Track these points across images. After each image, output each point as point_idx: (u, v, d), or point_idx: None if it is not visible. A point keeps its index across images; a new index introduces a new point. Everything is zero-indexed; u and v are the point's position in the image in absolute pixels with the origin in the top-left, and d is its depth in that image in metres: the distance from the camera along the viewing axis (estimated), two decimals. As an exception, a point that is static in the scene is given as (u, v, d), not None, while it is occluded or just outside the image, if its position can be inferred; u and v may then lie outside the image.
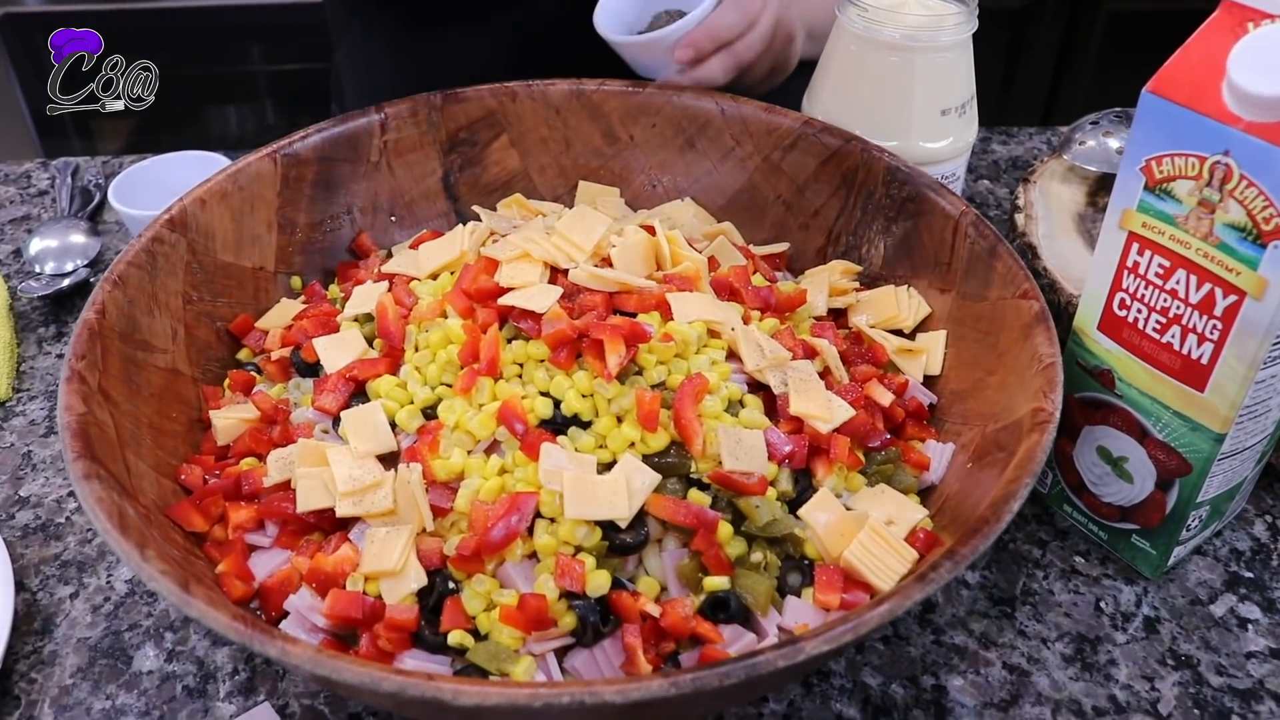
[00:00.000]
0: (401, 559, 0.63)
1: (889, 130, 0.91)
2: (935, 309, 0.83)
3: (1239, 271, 0.62)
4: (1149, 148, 0.64)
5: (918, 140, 0.91)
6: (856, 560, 0.64)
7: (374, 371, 0.72)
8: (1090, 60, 2.68)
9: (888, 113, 0.91)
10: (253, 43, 2.48)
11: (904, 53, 0.89)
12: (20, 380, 0.95)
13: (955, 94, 0.91)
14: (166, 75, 2.53)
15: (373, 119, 0.91)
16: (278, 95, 2.55)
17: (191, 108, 2.54)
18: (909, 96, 0.90)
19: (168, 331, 0.78)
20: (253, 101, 2.58)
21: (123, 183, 1.06)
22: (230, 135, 2.60)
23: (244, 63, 2.52)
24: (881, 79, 0.90)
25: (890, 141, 0.90)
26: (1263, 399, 0.68)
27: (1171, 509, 0.74)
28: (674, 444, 0.67)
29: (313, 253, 0.90)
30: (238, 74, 2.53)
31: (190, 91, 2.51)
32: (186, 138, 2.56)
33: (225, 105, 2.58)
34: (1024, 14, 2.61)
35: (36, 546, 0.80)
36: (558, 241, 0.74)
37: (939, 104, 0.90)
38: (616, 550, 0.64)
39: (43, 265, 1.04)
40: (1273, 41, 0.60)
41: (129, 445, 0.69)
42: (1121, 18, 2.63)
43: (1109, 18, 2.64)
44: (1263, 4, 0.61)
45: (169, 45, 2.43)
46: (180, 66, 2.47)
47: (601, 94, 0.94)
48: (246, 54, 2.51)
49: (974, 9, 0.90)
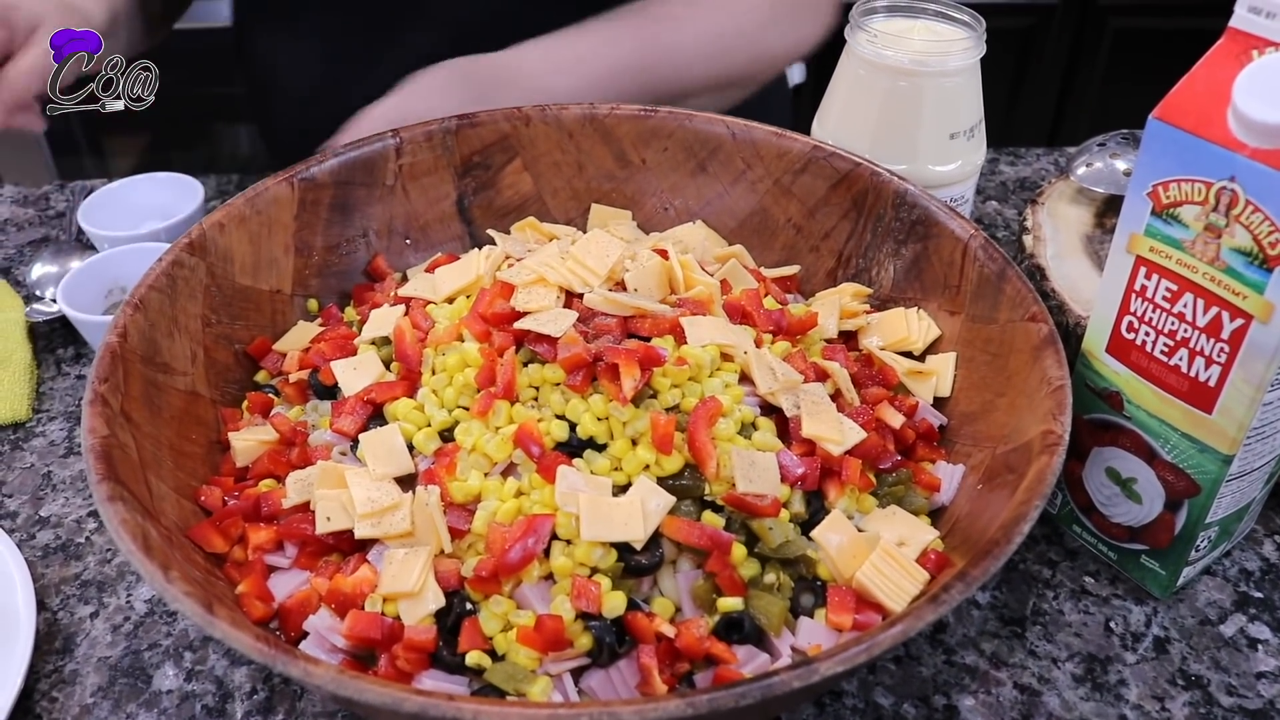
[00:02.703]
0: (420, 580, 0.64)
1: (897, 154, 0.92)
2: (945, 331, 0.83)
3: (1245, 295, 0.63)
4: (1156, 173, 0.65)
5: (925, 164, 0.93)
6: (869, 581, 0.65)
7: (391, 394, 0.73)
8: (1096, 79, 2.70)
9: (895, 136, 0.93)
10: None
11: (911, 78, 0.90)
12: (40, 401, 0.96)
13: (963, 118, 0.93)
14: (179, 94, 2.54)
15: (388, 143, 0.92)
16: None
17: (203, 127, 2.57)
18: (916, 121, 0.91)
19: (187, 354, 0.79)
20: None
21: (93, 204, 1.08)
22: (241, 154, 2.62)
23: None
24: (889, 103, 0.92)
25: (898, 165, 0.91)
26: (1270, 421, 0.69)
27: (1180, 530, 0.74)
28: (688, 466, 0.68)
29: (329, 275, 0.91)
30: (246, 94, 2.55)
31: (202, 111, 2.54)
32: (197, 156, 2.58)
33: (236, 125, 2.61)
34: (1030, 33, 2.63)
35: (57, 566, 0.81)
36: (572, 266, 0.75)
37: (947, 128, 0.92)
38: (632, 572, 0.65)
39: (43, 291, 1.06)
40: (1277, 69, 0.61)
41: (150, 467, 0.70)
42: (1127, 35, 2.65)
43: (1115, 35, 2.66)
44: (1267, 31, 0.62)
45: (182, 65, 2.45)
46: (192, 86, 2.49)
47: (614, 118, 0.95)
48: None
49: (982, 34, 0.91)
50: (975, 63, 0.91)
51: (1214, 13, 2.55)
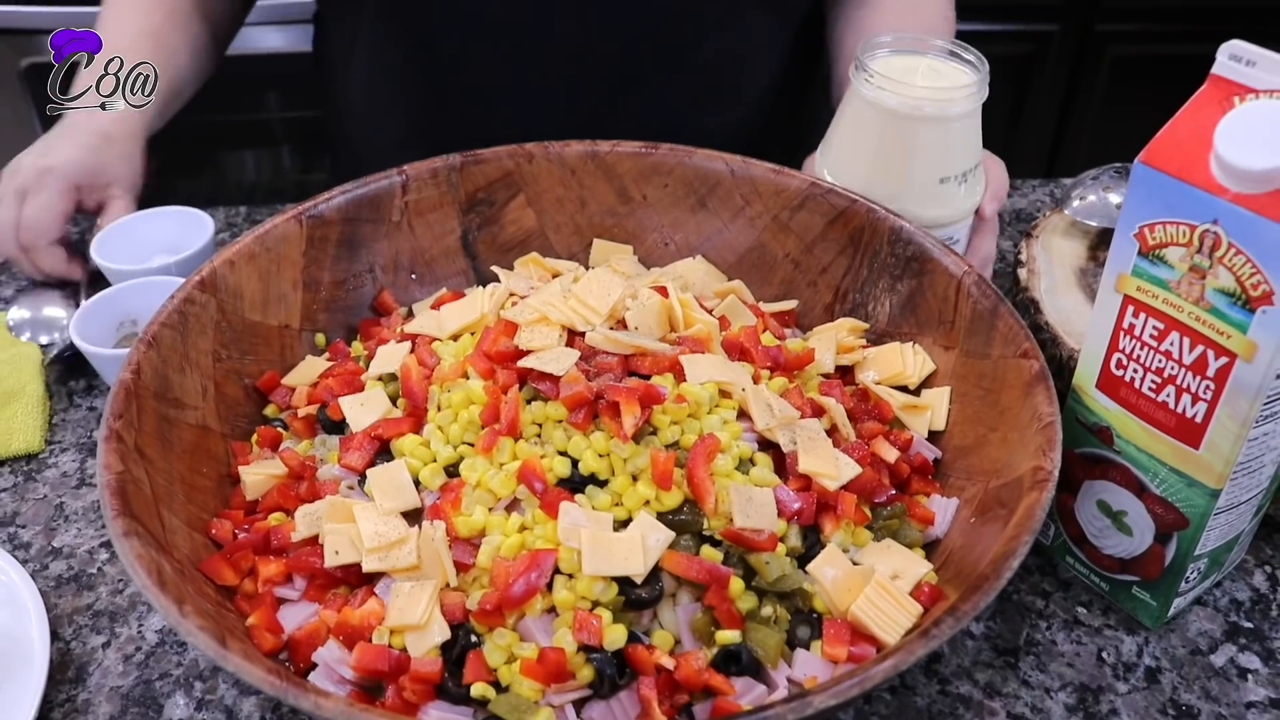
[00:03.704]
0: (426, 613, 0.65)
1: (885, 193, 0.93)
2: (939, 366, 0.85)
3: (1229, 335, 0.65)
4: (1142, 215, 0.67)
5: (913, 206, 0.93)
6: (863, 615, 0.67)
7: (398, 430, 0.75)
8: (1095, 106, 2.71)
9: (885, 176, 0.94)
10: (269, 90, 2.52)
11: (906, 121, 0.90)
12: (52, 432, 0.98)
13: (955, 163, 0.93)
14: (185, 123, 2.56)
15: (394, 180, 0.94)
16: (294, 141, 2.59)
17: (209, 154, 2.59)
18: (908, 163, 0.92)
19: (198, 389, 0.81)
20: (269, 147, 2.62)
21: (105, 238, 1.09)
22: (246, 181, 2.64)
23: (260, 110, 2.56)
24: (882, 144, 0.93)
25: (888, 205, 0.92)
26: (1256, 455, 0.70)
27: (1170, 561, 0.76)
28: (687, 502, 0.70)
29: (336, 310, 0.93)
30: (254, 121, 2.57)
31: (208, 138, 2.55)
32: (203, 181, 2.60)
33: (242, 151, 2.62)
34: (1028, 60, 2.64)
35: (69, 596, 0.83)
36: (575, 305, 0.77)
37: (938, 172, 0.92)
38: (632, 605, 0.67)
39: (20, 335, 1.08)
40: (1257, 116, 0.63)
41: (163, 501, 0.71)
42: (1126, 62, 2.67)
43: (1113, 62, 2.67)
44: (1247, 79, 0.64)
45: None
46: (198, 114, 2.52)
47: (615, 155, 0.97)
48: (263, 102, 2.55)
49: (984, 78, 0.91)
50: (973, 109, 0.91)
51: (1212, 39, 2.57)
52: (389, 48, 1.20)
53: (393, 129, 1.27)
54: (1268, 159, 0.61)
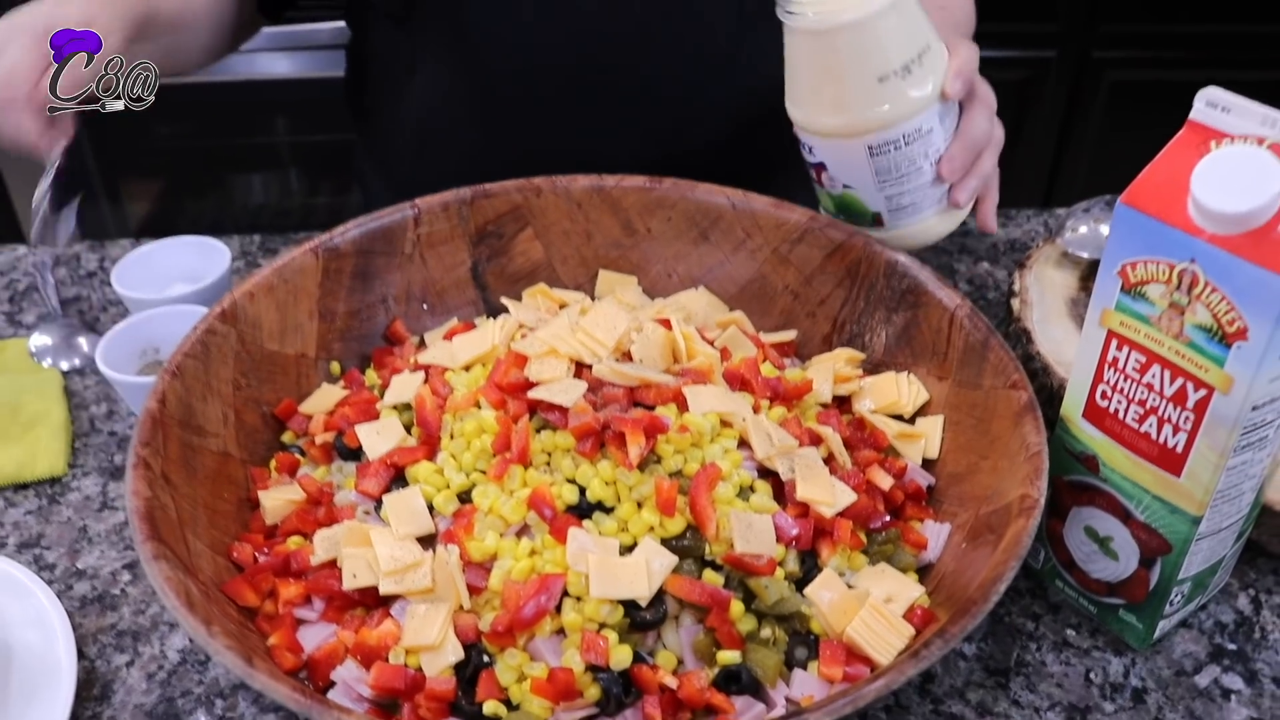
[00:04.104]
0: (440, 634, 0.68)
1: (831, 112, 0.91)
2: (933, 395, 0.88)
3: (1207, 368, 0.68)
4: (1124, 253, 0.70)
5: (859, 114, 0.89)
6: (858, 636, 0.70)
7: (413, 458, 0.78)
8: (1093, 132, 2.74)
9: (827, 95, 0.90)
10: (278, 114, 2.56)
11: (826, 36, 0.87)
12: (75, 456, 1.01)
13: (891, 58, 0.88)
14: (195, 146, 2.58)
15: (407, 214, 0.97)
16: (301, 164, 2.62)
17: (217, 177, 2.62)
18: (843, 73, 0.89)
19: (219, 417, 0.84)
20: (277, 170, 2.65)
21: (125, 267, 1.13)
22: (253, 203, 2.67)
23: (269, 134, 2.60)
24: (814, 66, 0.90)
25: (837, 118, 0.90)
26: (1235, 483, 0.73)
27: (1155, 585, 0.78)
28: (690, 528, 0.73)
29: (350, 339, 0.96)
30: (263, 144, 2.61)
31: (217, 161, 2.59)
32: (210, 203, 2.63)
33: (250, 174, 2.66)
34: (1026, 85, 2.68)
35: (94, 616, 0.86)
36: (582, 338, 0.80)
37: (874, 73, 0.88)
38: (637, 627, 0.70)
39: (42, 360, 1.11)
40: (1232, 161, 0.66)
41: (188, 525, 0.75)
42: (1124, 87, 2.70)
43: (1111, 87, 2.70)
44: (1223, 125, 0.68)
45: (198, 117, 2.51)
46: (208, 137, 2.55)
47: (620, 189, 1.00)
48: (272, 125, 2.58)
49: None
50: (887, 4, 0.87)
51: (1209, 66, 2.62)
52: (448, 88, 1.20)
53: (444, 165, 1.24)
54: (1241, 202, 0.64)
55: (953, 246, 1.27)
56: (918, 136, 0.91)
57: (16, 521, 0.94)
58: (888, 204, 0.94)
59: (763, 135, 1.11)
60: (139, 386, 0.98)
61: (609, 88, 1.14)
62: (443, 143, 1.23)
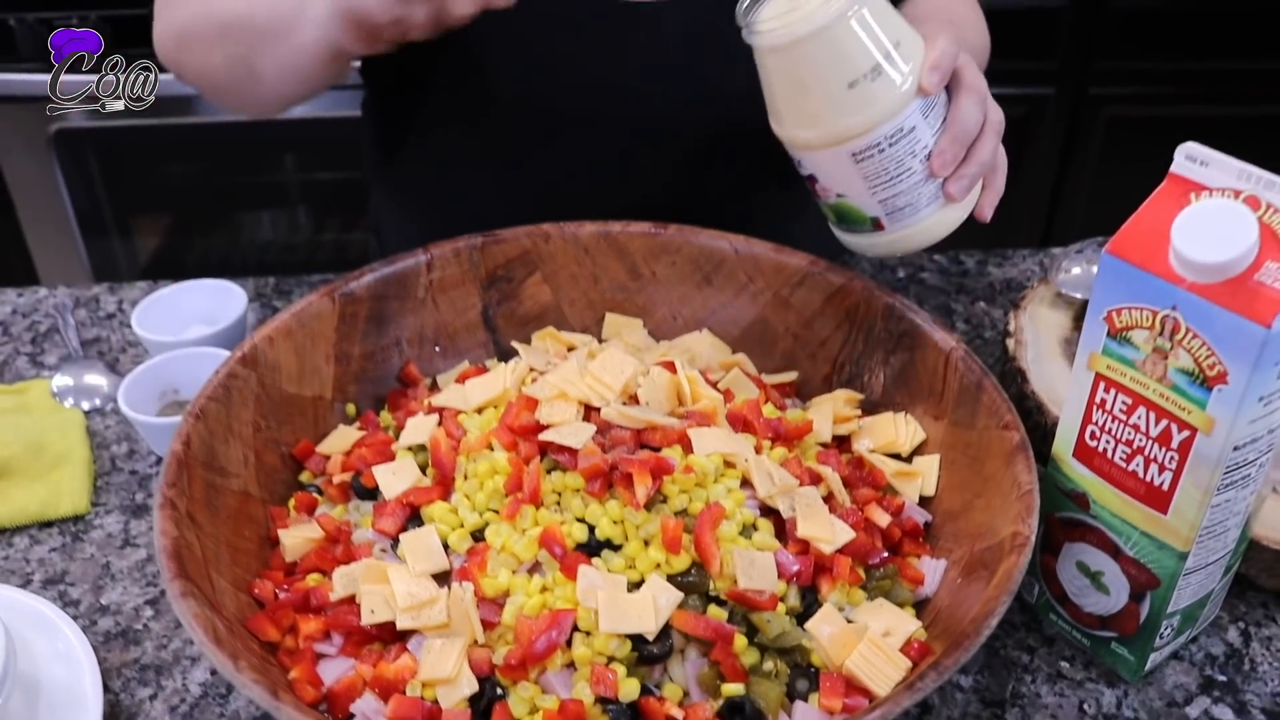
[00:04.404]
0: (456, 668, 0.71)
1: (809, 124, 0.89)
2: (930, 435, 0.91)
3: (1190, 410, 0.71)
4: (1110, 300, 0.73)
5: (832, 123, 0.88)
6: (857, 669, 0.72)
7: (428, 498, 0.81)
8: (1090, 166, 2.77)
9: (800, 108, 0.89)
10: (287, 152, 2.59)
11: (788, 50, 0.86)
12: (97, 495, 1.04)
13: (858, 63, 0.85)
14: (205, 183, 2.60)
15: (419, 259, 1.01)
16: (309, 202, 2.65)
17: (227, 214, 2.66)
18: (812, 86, 0.87)
19: (240, 458, 0.87)
20: (285, 208, 2.68)
21: (144, 309, 1.16)
22: (261, 240, 2.70)
23: (278, 171, 2.63)
24: (785, 81, 0.89)
25: (814, 130, 0.88)
26: (1220, 520, 0.76)
27: (1145, 619, 0.81)
28: (695, 565, 0.75)
29: (365, 381, 0.99)
30: (271, 182, 2.64)
31: (226, 199, 2.63)
32: (218, 238, 2.66)
33: (259, 211, 2.69)
34: (1024, 122, 2.71)
35: (118, 651, 0.89)
36: (591, 382, 0.83)
37: (843, 80, 0.86)
38: (645, 660, 0.72)
39: (64, 401, 1.14)
40: (1209, 213, 0.69)
41: (212, 563, 0.77)
42: (1121, 123, 2.73)
43: (1108, 123, 2.74)
44: (1202, 177, 0.71)
45: (209, 155, 2.55)
46: (218, 175, 2.59)
47: (626, 235, 1.04)
48: (281, 163, 2.62)
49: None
50: (851, 8, 0.84)
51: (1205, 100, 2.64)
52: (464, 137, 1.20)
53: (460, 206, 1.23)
54: (1218, 253, 0.67)
55: (950, 286, 1.31)
56: (901, 136, 0.88)
57: (41, 558, 0.97)
58: (883, 208, 0.91)
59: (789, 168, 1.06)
60: (159, 427, 1.01)
61: (629, 130, 1.14)
62: (458, 185, 1.24)
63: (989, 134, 0.91)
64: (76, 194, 2.50)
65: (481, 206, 1.10)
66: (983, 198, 0.94)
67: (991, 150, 0.91)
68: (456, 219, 1.08)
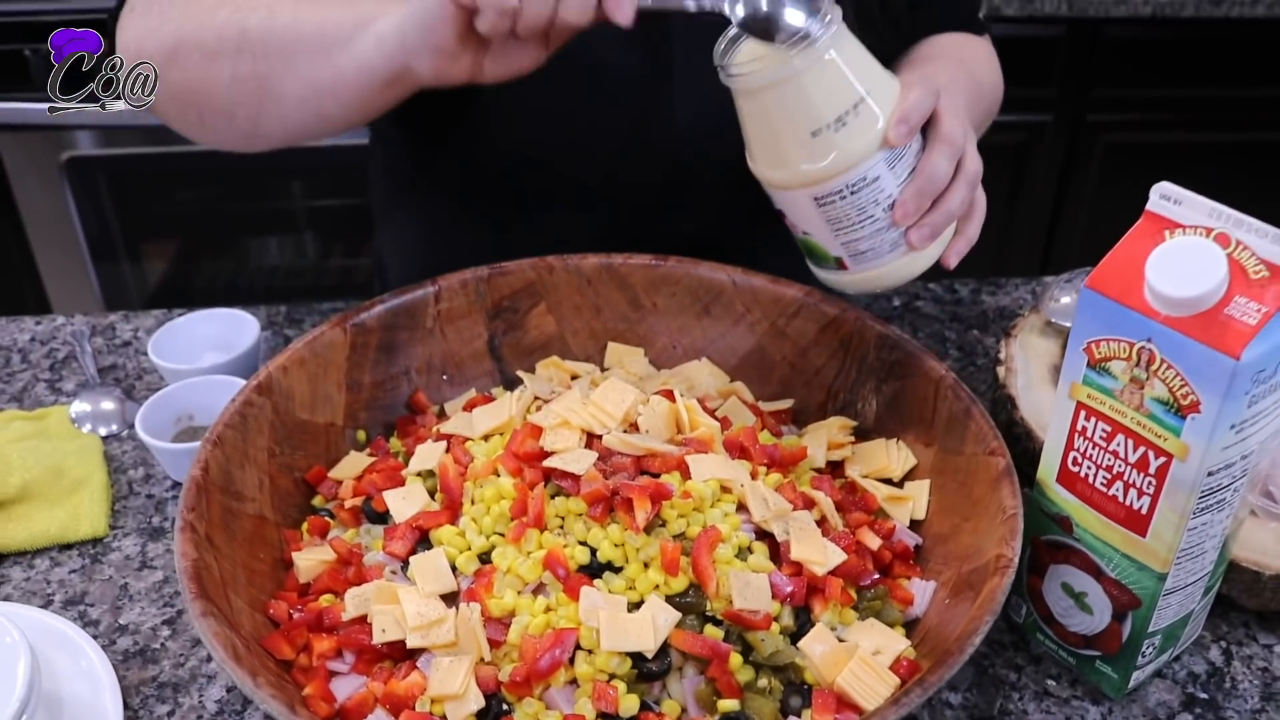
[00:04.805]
0: (463, 684, 0.74)
1: (774, 165, 0.91)
2: (920, 460, 0.94)
3: (1166, 437, 0.74)
4: (1089, 332, 0.77)
5: (796, 169, 0.89)
6: (847, 686, 0.75)
7: (436, 522, 0.84)
8: (1089, 192, 2.80)
9: (769, 151, 0.91)
10: (294, 179, 2.63)
11: (757, 95, 0.88)
12: (115, 518, 1.07)
13: (824, 111, 0.86)
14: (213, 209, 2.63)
15: (428, 291, 1.04)
16: (316, 228, 2.69)
17: (235, 240, 2.69)
18: (779, 130, 0.89)
19: (256, 482, 0.91)
20: (292, 234, 2.72)
21: (160, 338, 1.19)
22: (267, 265, 2.73)
23: (285, 198, 2.67)
24: (756, 124, 0.91)
25: (779, 172, 0.90)
26: (1197, 543, 0.79)
27: (1127, 638, 0.83)
28: (692, 586, 0.78)
29: (375, 409, 1.03)
30: (279, 208, 2.68)
31: (233, 224, 2.66)
32: (226, 262, 2.70)
33: (266, 236, 2.73)
34: (1022, 149, 2.74)
35: (136, 669, 0.92)
36: (593, 411, 0.86)
37: (807, 128, 0.87)
38: (644, 677, 0.76)
39: (82, 426, 1.17)
40: (1182, 250, 0.72)
41: (229, 584, 0.81)
42: (1118, 150, 2.76)
43: (1105, 150, 2.77)
44: (1176, 215, 0.74)
45: (218, 182, 2.59)
46: (227, 201, 2.63)
47: (628, 267, 1.07)
48: (288, 190, 2.66)
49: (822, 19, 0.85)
50: (817, 56, 0.85)
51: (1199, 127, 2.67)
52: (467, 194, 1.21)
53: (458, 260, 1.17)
54: (1190, 288, 0.70)
55: (944, 314, 1.34)
56: (863, 185, 0.88)
57: (62, 580, 1.00)
58: (845, 250, 0.92)
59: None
60: (175, 452, 1.04)
61: (639, 188, 1.15)
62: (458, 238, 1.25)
63: (960, 184, 0.91)
64: (87, 220, 2.54)
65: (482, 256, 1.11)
66: (951, 244, 0.94)
67: (961, 200, 0.91)
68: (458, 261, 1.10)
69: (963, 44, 1.26)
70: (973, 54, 1.25)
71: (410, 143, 1.25)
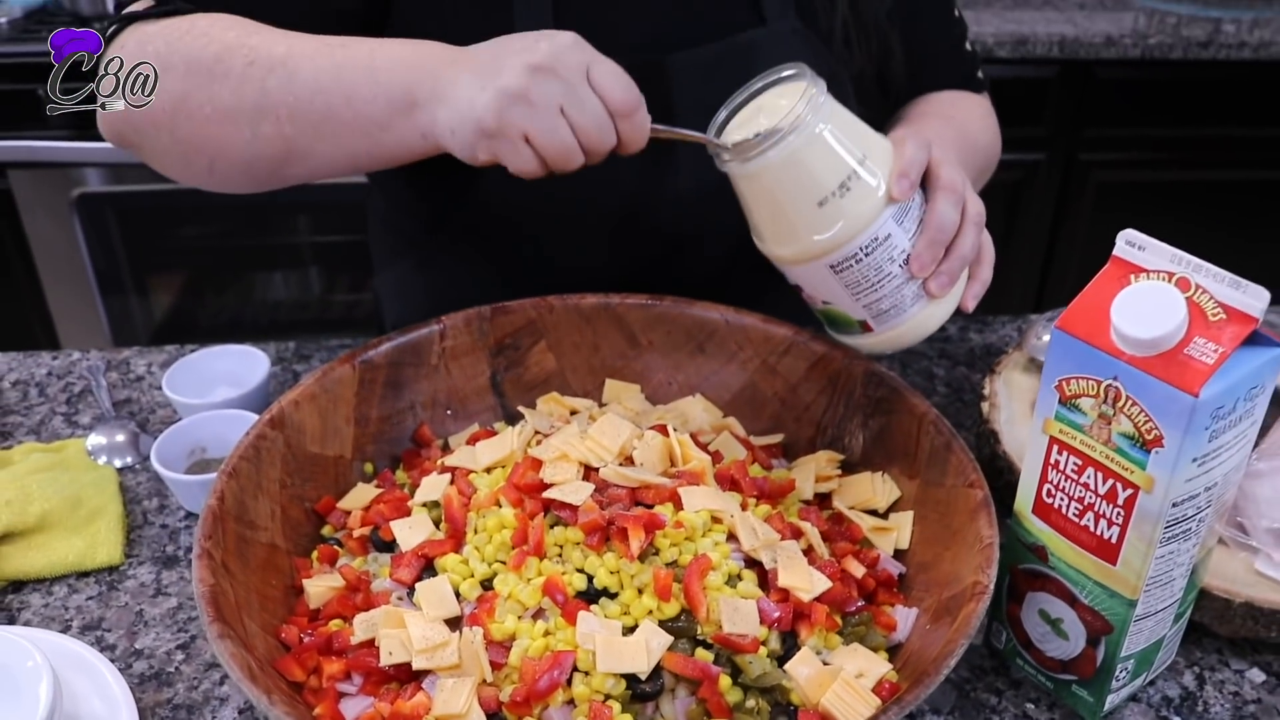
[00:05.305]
0: (466, 705, 0.77)
1: (786, 241, 0.93)
2: (904, 492, 0.98)
3: (1132, 470, 0.78)
4: (1060, 370, 0.81)
5: (808, 240, 0.91)
6: (831, 707, 0.78)
7: (441, 550, 0.88)
8: (1081, 230, 2.85)
9: (778, 228, 0.93)
10: (300, 214, 2.68)
11: (757, 176, 0.91)
12: (130, 547, 1.10)
13: (826, 181, 0.89)
14: (220, 244, 2.66)
15: (433, 329, 1.08)
16: (321, 262, 2.73)
17: (241, 274, 2.73)
18: (786, 208, 0.91)
19: (268, 512, 0.95)
20: (298, 268, 2.76)
21: (175, 373, 1.23)
22: (272, 299, 2.77)
23: (291, 233, 2.72)
24: (759, 204, 0.93)
25: (790, 248, 0.93)
26: (1165, 570, 0.82)
27: (1101, 662, 0.87)
28: (684, 611, 0.82)
29: (382, 442, 1.07)
30: (285, 244, 2.72)
31: (240, 259, 2.71)
32: (230, 295, 2.74)
33: (271, 271, 2.77)
34: (1017, 187, 2.79)
35: (152, 691, 0.95)
36: (590, 445, 0.90)
37: (812, 199, 0.89)
38: (638, 698, 0.79)
39: (98, 459, 1.20)
40: (1145, 294, 0.76)
41: (244, 609, 0.85)
42: (1110, 188, 2.81)
43: (1098, 188, 2.82)
44: (1140, 260, 0.79)
45: (225, 218, 2.64)
46: (233, 236, 2.67)
47: (624, 306, 1.11)
48: (294, 225, 2.70)
49: (810, 96, 0.88)
50: (811, 132, 0.88)
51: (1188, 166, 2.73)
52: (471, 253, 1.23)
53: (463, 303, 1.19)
54: (1152, 330, 0.74)
55: (932, 351, 1.38)
56: (876, 245, 0.90)
57: (79, 606, 1.03)
58: (868, 311, 0.94)
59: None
60: (189, 484, 1.08)
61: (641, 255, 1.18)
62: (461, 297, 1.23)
63: (968, 228, 0.93)
64: (96, 255, 2.58)
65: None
66: (968, 289, 0.97)
67: (972, 244, 0.94)
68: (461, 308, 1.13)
69: (955, 101, 1.29)
70: (965, 111, 1.28)
71: (415, 198, 1.27)
